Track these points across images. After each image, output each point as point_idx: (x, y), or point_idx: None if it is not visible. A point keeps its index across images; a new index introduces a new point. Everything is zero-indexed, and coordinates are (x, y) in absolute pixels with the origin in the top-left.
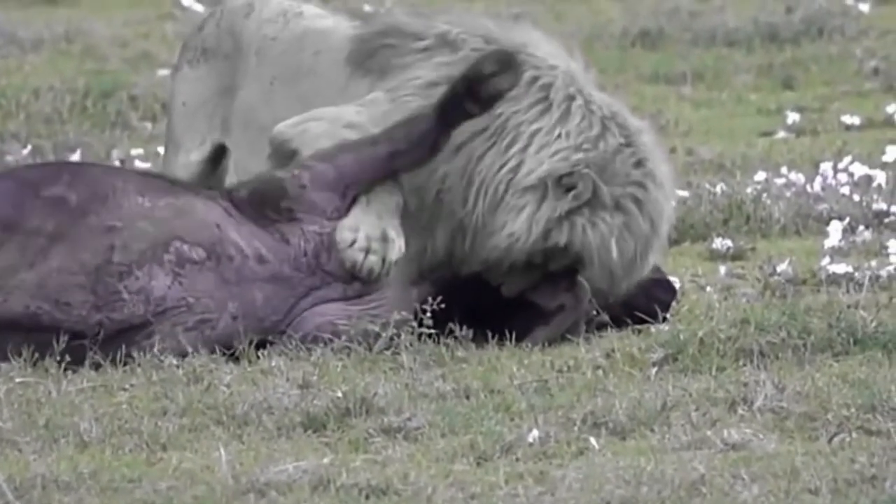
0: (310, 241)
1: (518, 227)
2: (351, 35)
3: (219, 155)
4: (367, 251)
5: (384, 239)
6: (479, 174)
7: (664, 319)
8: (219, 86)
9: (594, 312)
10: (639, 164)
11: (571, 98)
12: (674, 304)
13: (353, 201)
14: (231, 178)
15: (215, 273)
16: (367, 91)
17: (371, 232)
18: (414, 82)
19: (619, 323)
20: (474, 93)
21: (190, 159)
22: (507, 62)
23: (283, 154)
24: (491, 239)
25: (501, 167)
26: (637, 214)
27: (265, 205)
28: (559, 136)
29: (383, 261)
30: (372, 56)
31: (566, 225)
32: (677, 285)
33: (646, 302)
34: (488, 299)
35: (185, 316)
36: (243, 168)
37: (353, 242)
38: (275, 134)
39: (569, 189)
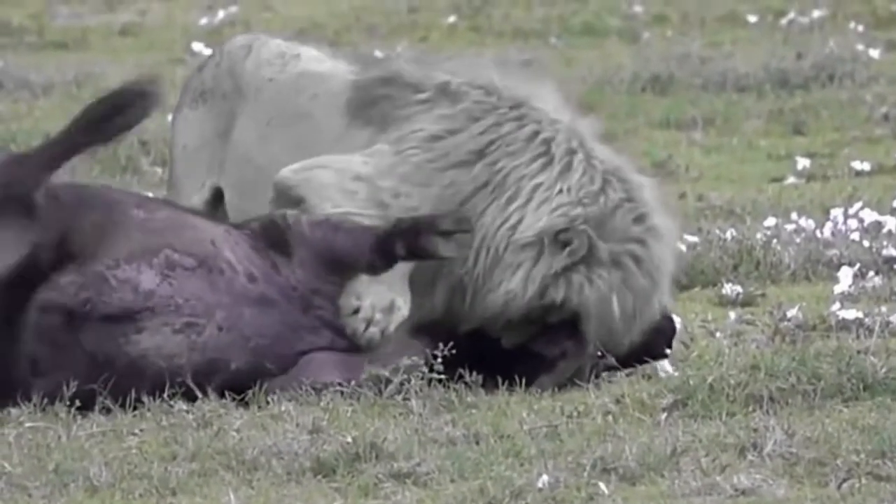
0: (300, 282)
1: (514, 284)
2: (349, 81)
3: (218, 198)
4: (370, 322)
5: (390, 310)
6: (480, 230)
7: (667, 356)
8: (217, 128)
9: (598, 355)
10: (639, 219)
11: (573, 152)
12: (683, 349)
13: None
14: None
15: (206, 280)
16: (368, 141)
17: (377, 301)
18: (417, 135)
19: (625, 364)
20: (412, 239)
21: (191, 202)
22: (463, 227)
23: (288, 200)
24: (489, 297)
25: (502, 224)
26: (635, 271)
27: (263, 236)
28: (560, 191)
29: (383, 332)
30: (371, 105)
31: (562, 282)
32: (686, 328)
33: (650, 341)
34: (489, 349)
35: (172, 316)
36: (235, 207)
37: (357, 311)
38: (279, 179)
39: (565, 245)
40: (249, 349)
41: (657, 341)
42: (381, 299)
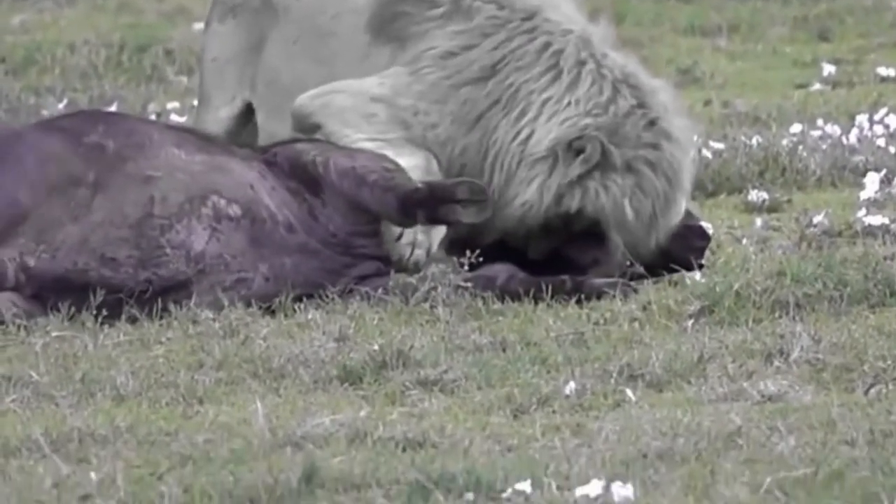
0: (338, 227)
1: (530, 195)
2: None
3: (248, 113)
4: (413, 245)
5: (427, 230)
6: (493, 147)
7: (700, 266)
8: (248, 42)
9: (628, 264)
10: (651, 124)
11: (582, 63)
12: (710, 255)
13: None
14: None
15: (248, 233)
16: (388, 59)
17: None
18: (431, 52)
19: (654, 273)
20: (432, 208)
21: (220, 115)
22: (479, 196)
23: (306, 127)
24: (506, 210)
25: (514, 139)
26: (650, 175)
27: (295, 175)
28: (569, 103)
29: (427, 252)
30: (391, 22)
31: (578, 190)
32: (712, 235)
33: (680, 250)
34: (518, 262)
35: (223, 275)
36: (266, 128)
37: (400, 236)
38: (297, 106)
39: (578, 153)
40: (296, 296)
41: (689, 253)
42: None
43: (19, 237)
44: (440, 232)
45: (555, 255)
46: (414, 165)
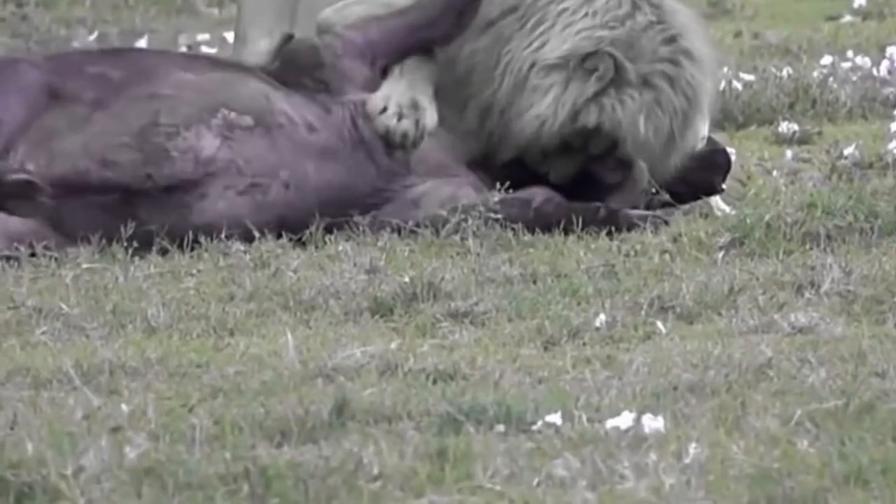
0: (347, 111)
1: (544, 109)
2: None
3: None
4: (400, 116)
5: (414, 106)
6: (505, 55)
7: (722, 190)
8: None
9: (653, 191)
10: (669, 40)
11: None
12: (740, 187)
13: (385, 73)
14: None
15: (266, 139)
16: None
17: (401, 100)
18: None
19: (680, 201)
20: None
21: (259, 48)
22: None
23: None
24: (519, 121)
25: (527, 47)
26: (668, 90)
27: (301, 74)
28: (585, 14)
29: (416, 124)
30: None
31: (593, 106)
32: (742, 167)
33: (704, 175)
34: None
35: (235, 179)
36: None
37: (384, 110)
38: (320, 19)
39: (592, 71)
40: (318, 202)
41: (712, 175)
42: (404, 97)
43: (18, 147)
44: (429, 115)
45: (577, 180)
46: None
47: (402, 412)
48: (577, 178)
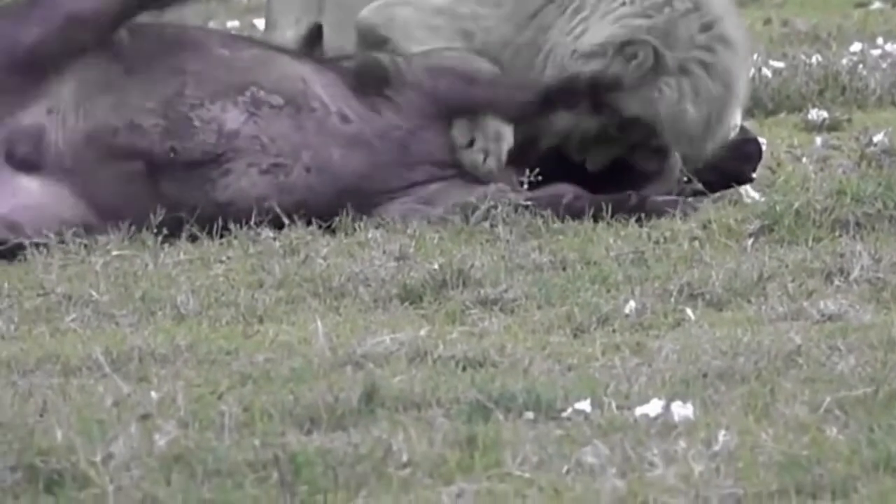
0: (403, 121)
1: None
2: None
3: (316, 35)
4: (486, 152)
5: (498, 138)
6: (546, 44)
7: (752, 180)
8: None
9: (686, 180)
10: (706, 27)
11: None
12: (770, 174)
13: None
14: None
15: (293, 120)
16: None
17: (486, 131)
18: None
19: (710, 188)
20: (595, 96)
21: (286, 37)
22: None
23: (372, 41)
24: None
25: (567, 34)
26: (705, 77)
27: (367, 85)
28: (623, 2)
29: (499, 160)
30: None
31: (632, 95)
32: (772, 154)
33: (735, 165)
34: (578, 176)
35: (259, 156)
36: (334, 49)
37: (472, 143)
38: (360, 19)
39: (631, 58)
40: (339, 189)
41: (743, 165)
42: (489, 129)
43: (49, 97)
44: (507, 143)
45: (614, 168)
46: None
47: (431, 399)
48: (614, 167)
